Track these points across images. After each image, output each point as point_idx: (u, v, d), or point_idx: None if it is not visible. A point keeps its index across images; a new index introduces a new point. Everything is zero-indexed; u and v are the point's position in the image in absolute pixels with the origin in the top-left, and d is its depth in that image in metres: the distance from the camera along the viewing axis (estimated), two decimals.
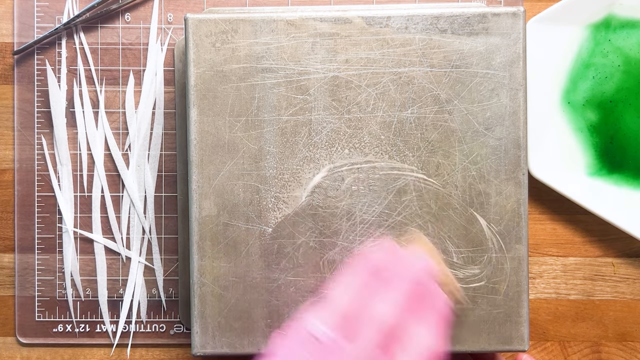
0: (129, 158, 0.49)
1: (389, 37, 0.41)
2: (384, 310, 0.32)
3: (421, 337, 0.32)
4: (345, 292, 0.33)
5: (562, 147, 0.48)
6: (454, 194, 0.42)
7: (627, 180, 0.48)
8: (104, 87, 0.49)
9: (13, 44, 0.49)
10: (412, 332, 0.32)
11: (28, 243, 0.49)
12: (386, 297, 0.32)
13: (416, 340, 0.32)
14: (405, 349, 0.31)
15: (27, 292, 0.49)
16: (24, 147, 0.49)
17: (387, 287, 0.33)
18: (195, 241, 0.42)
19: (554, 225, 0.49)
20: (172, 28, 0.49)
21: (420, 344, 0.32)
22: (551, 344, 0.49)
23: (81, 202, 0.49)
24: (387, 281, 0.33)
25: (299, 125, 0.42)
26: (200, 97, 0.42)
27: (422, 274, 0.34)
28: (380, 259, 0.35)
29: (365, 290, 0.33)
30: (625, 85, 0.47)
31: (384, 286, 0.33)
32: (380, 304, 0.32)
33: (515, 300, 0.42)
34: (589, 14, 0.47)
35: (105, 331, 0.49)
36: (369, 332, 0.31)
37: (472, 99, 0.41)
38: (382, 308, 0.32)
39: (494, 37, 0.41)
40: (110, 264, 0.49)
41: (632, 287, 0.49)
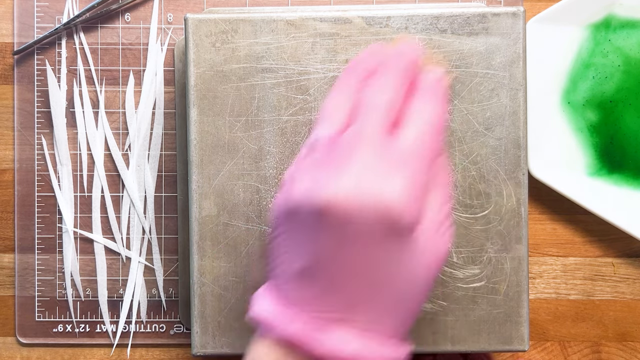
0: (129, 158, 0.49)
1: (389, 37, 0.41)
2: (380, 94, 0.30)
3: (424, 111, 0.30)
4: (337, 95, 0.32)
5: (562, 147, 0.48)
6: (453, 194, 0.42)
7: (627, 180, 0.48)
8: (104, 87, 0.49)
9: (13, 44, 0.49)
10: (414, 108, 0.30)
11: (28, 243, 0.49)
12: (379, 84, 0.31)
13: (419, 114, 0.30)
14: (410, 124, 0.30)
15: (27, 292, 0.49)
16: (24, 147, 0.49)
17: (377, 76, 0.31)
18: (195, 241, 0.42)
19: (554, 225, 0.49)
20: (172, 28, 0.49)
21: (424, 117, 0.30)
22: (551, 344, 0.49)
23: (81, 202, 0.49)
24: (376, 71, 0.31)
25: (299, 125, 0.42)
26: (200, 97, 0.42)
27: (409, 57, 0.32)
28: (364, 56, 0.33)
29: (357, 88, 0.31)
30: (625, 85, 0.47)
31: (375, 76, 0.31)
32: (374, 91, 0.30)
33: (515, 300, 0.42)
34: (589, 14, 0.47)
35: (105, 331, 0.49)
36: (369, 117, 0.29)
37: (472, 99, 0.41)
38: (377, 93, 0.30)
39: (494, 37, 0.41)
40: (110, 264, 0.49)
41: (632, 287, 0.49)
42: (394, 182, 0.28)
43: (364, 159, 0.28)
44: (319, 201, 0.28)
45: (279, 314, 0.30)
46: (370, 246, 0.28)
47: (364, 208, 0.28)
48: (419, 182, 0.29)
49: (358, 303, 0.29)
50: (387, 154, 0.29)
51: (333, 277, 0.29)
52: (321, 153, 0.30)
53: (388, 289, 0.29)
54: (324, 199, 0.28)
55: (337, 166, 0.29)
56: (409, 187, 0.28)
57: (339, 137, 0.30)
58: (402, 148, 0.29)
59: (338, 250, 0.29)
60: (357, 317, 0.29)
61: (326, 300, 0.29)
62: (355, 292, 0.29)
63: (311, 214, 0.29)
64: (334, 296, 0.29)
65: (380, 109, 0.30)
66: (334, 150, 0.30)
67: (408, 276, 0.30)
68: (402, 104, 0.30)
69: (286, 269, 0.31)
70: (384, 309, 0.30)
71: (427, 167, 0.30)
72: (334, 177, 0.28)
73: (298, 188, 0.30)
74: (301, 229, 0.30)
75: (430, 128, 0.30)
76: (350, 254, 0.29)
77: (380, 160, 0.28)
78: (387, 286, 0.29)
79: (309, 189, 0.29)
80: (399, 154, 0.29)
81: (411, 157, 0.29)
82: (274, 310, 0.30)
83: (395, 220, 0.28)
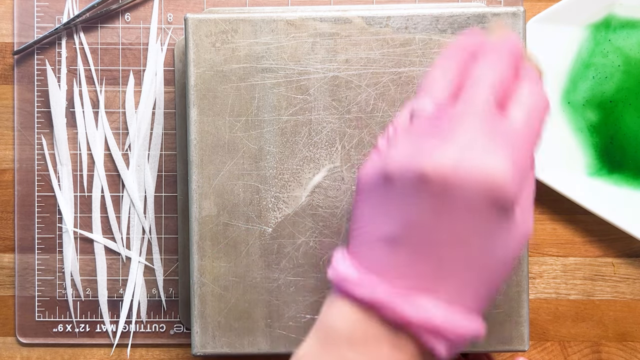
0: (129, 158, 0.49)
1: (389, 37, 0.41)
2: (491, 71, 0.30)
3: (533, 94, 0.30)
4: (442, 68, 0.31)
5: (562, 147, 0.48)
6: None
7: (627, 180, 0.48)
8: (104, 87, 0.49)
9: (13, 44, 0.49)
10: (523, 91, 0.30)
11: (28, 243, 0.49)
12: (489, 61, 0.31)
13: (528, 97, 0.30)
14: (520, 105, 0.30)
15: (27, 292, 0.49)
16: (24, 147, 0.49)
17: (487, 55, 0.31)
18: (195, 241, 0.42)
19: (554, 225, 0.49)
20: (172, 28, 0.49)
21: (533, 100, 0.30)
22: (551, 344, 0.49)
23: (81, 202, 0.49)
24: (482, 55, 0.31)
25: (299, 125, 0.42)
26: (200, 97, 0.42)
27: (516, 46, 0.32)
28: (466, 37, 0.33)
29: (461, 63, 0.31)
30: (625, 85, 0.47)
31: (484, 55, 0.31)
32: (485, 67, 0.30)
33: (515, 300, 0.42)
34: (589, 14, 0.47)
35: (105, 331, 0.49)
36: (480, 91, 0.29)
37: None
38: (488, 69, 0.30)
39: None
40: (110, 264, 0.49)
41: (632, 287, 0.49)
42: (501, 158, 0.28)
43: (472, 131, 0.28)
44: (421, 167, 0.28)
45: (364, 278, 0.30)
46: (468, 218, 0.28)
47: (468, 179, 0.28)
48: (523, 163, 0.29)
49: (446, 274, 0.29)
50: (495, 131, 0.29)
51: (423, 245, 0.29)
52: (425, 122, 0.30)
53: (478, 263, 0.29)
54: (428, 165, 0.28)
55: (444, 136, 0.28)
56: (514, 165, 0.28)
57: (444, 107, 0.30)
58: (511, 127, 0.29)
59: (433, 219, 0.28)
60: (444, 288, 0.29)
61: (414, 268, 0.29)
62: (444, 263, 0.29)
63: (410, 180, 0.28)
64: (422, 265, 0.29)
65: (491, 85, 0.29)
66: (440, 120, 0.29)
67: (500, 253, 0.30)
68: (509, 86, 0.30)
69: (373, 234, 0.30)
70: (470, 283, 0.30)
71: (531, 150, 0.30)
72: (439, 146, 0.28)
73: (398, 153, 0.29)
74: (394, 195, 0.29)
75: (538, 112, 0.30)
76: (446, 224, 0.28)
77: (488, 135, 0.28)
78: (478, 261, 0.29)
79: (411, 154, 0.29)
80: (507, 133, 0.29)
81: (519, 137, 0.29)
82: (358, 273, 0.30)
83: (499, 195, 0.28)
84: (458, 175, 0.28)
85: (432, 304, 0.29)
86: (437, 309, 0.29)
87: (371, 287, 0.29)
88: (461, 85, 0.30)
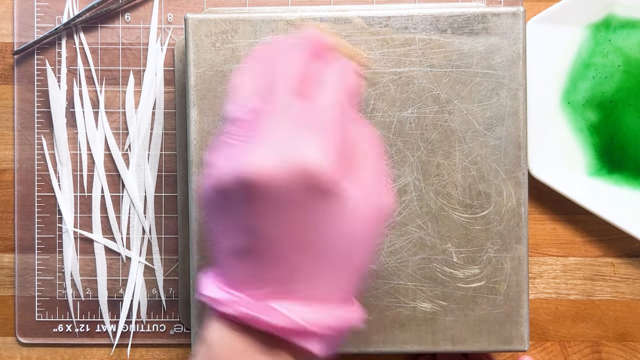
0: (129, 158, 0.49)
1: (389, 37, 0.41)
2: (286, 64, 0.30)
3: (336, 75, 0.31)
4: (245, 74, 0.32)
5: (562, 147, 0.48)
6: (454, 194, 0.42)
7: (627, 180, 0.48)
8: (104, 87, 0.49)
9: (13, 44, 0.49)
10: (325, 75, 0.31)
11: (28, 243, 0.49)
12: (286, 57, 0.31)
13: (330, 79, 0.31)
14: (322, 88, 0.30)
15: (27, 292, 0.49)
16: (24, 147, 0.49)
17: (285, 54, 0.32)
18: (195, 241, 0.42)
19: (554, 225, 0.49)
20: (172, 28, 0.49)
21: (335, 80, 0.31)
22: (551, 344, 0.49)
23: (81, 202, 0.49)
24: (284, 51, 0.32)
25: None
26: (200, 97, 0.42)
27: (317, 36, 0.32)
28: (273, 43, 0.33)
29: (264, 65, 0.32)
30: (625, 85, 0.47)
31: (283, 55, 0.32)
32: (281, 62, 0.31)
33: (515, 300, 0.42)
34: (589, 14, 0.47)
35: (105, 331, 0.49)
36: (278, 86, 0.30)
37: (472, 98, 0.41)
38: (285, 61, 0.31)
39: (494, 37, 0.41)
40: (110, 264, 0.49)
41: (632, 287, 0.49)
42: (311, 144, 0.28)
43: (279, 125, 0.29)
44: (244, 176, 0.28)
45: (226, 296, 0.30)
46: (299, 212, 0.29)
47: (287, 174, 0.28)
48: (337, 141, 0.29)
49: (297, 272, 0.29)
50: (302, 117, 0.29)
51: (268, 251, 0.29)
52: (238, 128, 0.30)
53: (324, 251, 0.29)
54: (248, 172, 0.28)
55: (254, 139, 0.29)
56: (328, 147, 0.28)
57: (254, 109, 0.30)
58: (316, 110, 0.29)
59: (269, 222, 0.29)
60: (300, 287, 0.30)
61: (267, 275, 0.29)
62: (292, 262, 0.29)
63: (238, 191, 0.29)
64: (273, 270, 0.29)
65: (287, 77, 0.30)
66: (250, 123, 0.30)
67: (342, 235, 0.29)
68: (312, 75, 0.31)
69: (224, 249, 0.31)
70: (325, 273, 0.30)
71: (344, 127, 0.30)
72: (252, 150, 0.28)
73: (221, 167, 0.30)
74: (230, 207, 0.30)
75: (342, 91, 0.30)
76: (281, 223, 0.29)
77: (295, 125, 0.29)
78: (323, 249, 0.29)
79: (232, 165, 0.29)
80: (313, 117, 0.29)
81: (326, 118, 0.29)
82: (220, 292, 0.30)
83: (318, 180, 0.28)
84: (275, 173, 0.28)
85: (290, 307, 0.29)
86: (297, 310, 0.29)
87: (233, 303, 0.30)
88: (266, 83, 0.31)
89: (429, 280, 0.42)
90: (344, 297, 0.31)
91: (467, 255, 0.42)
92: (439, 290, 0.42)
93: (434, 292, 0.42)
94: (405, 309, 0.42)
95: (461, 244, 0.42)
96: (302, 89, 0.30)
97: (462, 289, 0.42)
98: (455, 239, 0.42)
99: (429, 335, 0.42)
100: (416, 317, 0.42)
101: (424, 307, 0.42)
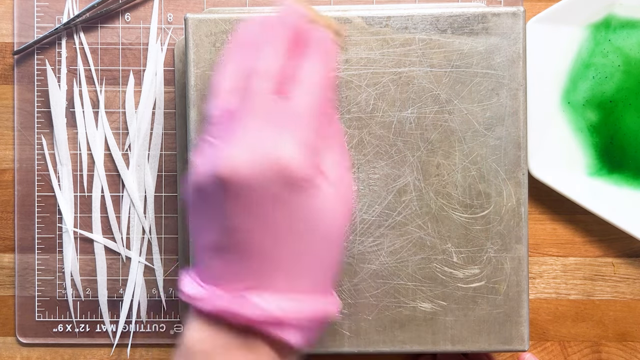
0: (129, 158, 0.49)
1: (389, 37, 0.41)
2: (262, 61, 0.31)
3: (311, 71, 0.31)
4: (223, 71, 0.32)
5: (562, 147, 0.48)
6: (454, 194, 0.42)
7: (627, 180, 0.48)
8: (104, 87, 0.49)
9: (13, 44, 0.49)
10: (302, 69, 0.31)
11: (28, 243, 0.49)
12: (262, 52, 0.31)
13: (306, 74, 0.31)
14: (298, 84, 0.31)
15: (27, 292, 0.49)
16: (24, 147, 0.49)
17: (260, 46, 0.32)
18: None
19: (554, 225, 0.49)
20: (172, 28, 0.49)
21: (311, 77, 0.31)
22: (551, 344, 0.49)
23: (81, 202, 0.49)
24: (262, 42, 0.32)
25: None
26: (200, 97, 0.42)
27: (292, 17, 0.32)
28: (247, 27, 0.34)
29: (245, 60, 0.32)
30: (625, 85, 0.47)
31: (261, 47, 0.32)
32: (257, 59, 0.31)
33: (515, 300, 0.42)
34: (589, 14, 0.47)
35: (105, 331, 0.49)
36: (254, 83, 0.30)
37: (472, 99, 0.41)
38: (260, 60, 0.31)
39: (494, 37, 0.41)
40: (110, 264, 0.49)
41: (632, 287, 0.49)
42: (286, 140, 0.29)
43: (256, 123, 0.29)
44: (219, 174, 0.29)
45: (204, 292, 0.31)
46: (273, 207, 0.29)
47: (262, 171, 0.29)
48: (312, 138, 0.30)
49: (272, 266, 0.30)
50: (277, 116, 0.30)
51: (245, 245, 0.30)
52: (216, 127, 0.31)
53: (298, 245, 0.30)
54: (223, 170, 0.29)
55: (232, 136, 0.29)
56: (302, 143, 0.29)
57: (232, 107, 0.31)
58: (291, 107, 0.30)
59: (244, 217, 0.29)
60: (275, 280, 0.30)
61: (243, 269, 0.30)
62: (267, 256, 0.30)
63: (215, 188, 0.29)
64: (249, 264, 0.30)
65: (264, 74, 0.30)
66: (228, 122, 0.30)
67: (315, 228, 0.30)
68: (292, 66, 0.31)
69: (204, 246, 0.31)
70: (299, 267, 0.30)
71: (318, 124, 0.30)
72: (229, 147, 0.29)
73: (201, 164, 0.30)
74: (208, 204, 0.30)
75: (318, 87, 0.31)
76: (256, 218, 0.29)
77: (271, 123, 0.29)
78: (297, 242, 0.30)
79: (209, 163, 0.30)
80: (289, 114, 0.30)
81: (301, 115, 0.30)
82: (198, 288, 0.31)
83: (292, 175, 0.29)
84: (250, 170, 0.29)
85: (265, 298, 0.30)
86: (271, 301, 0.30)
87: (211, 298, 0.30)
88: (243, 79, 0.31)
89: (429, 280, 0.42)
90: (320, 289, 0.32)
91: (467, 255, 0.42)
92: (439, 290, 0.42)
93: (434, 292, 0.42)
94: (405, 309, 0.42)
95: (461, 244, 0.42)
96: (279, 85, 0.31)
97: (462, 289, 0.42)
98: (455, 239, 0.42)
99: (429, 335, 0.42)
100: (416, 317, 0.42)
101: (424, 307, 0.42)
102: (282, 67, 0.31)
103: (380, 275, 0.42)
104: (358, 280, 0.42)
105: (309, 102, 0.30)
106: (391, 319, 0.42)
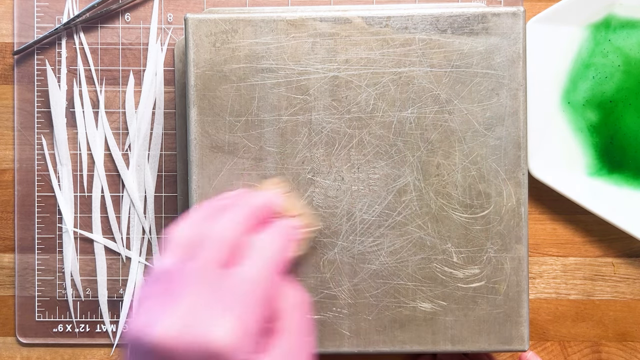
0: (129, 158, 0.49)
1: (389, 37, 0.41)
2: (221, 229, 0.31)
3: (263, 247, 0.31)
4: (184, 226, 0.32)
5: (562, 147, 0.48)
6: (454, 194, 0.42)
7: (627, 180, 0.48)
8: (104, 87, 0.49)
9: (13, 44, 0.49)
10: (255, 244, 0.31)
11: (28, 243, 0.49)
12: (225, 218, 0.31)
13: (257, 250, 0.30)
14: (247, 259, 0.30)
15: (27, 292, 0.49)
16: (24, 147, 0.49)
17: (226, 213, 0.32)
18: None
19: (554, 225, 0.49)
20: (172, 28, 0.49)
21: (262, 253, 0.30)
22: (551, 344, 0.49)
23: (81, 202, 0.49)
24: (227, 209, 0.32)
25: (299, 125, 0.42)
26: (200, 97, 0.42)
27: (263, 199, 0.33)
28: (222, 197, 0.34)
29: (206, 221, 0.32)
30: (625, 85, 0.47)
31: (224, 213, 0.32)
32: (217, 224, 0.31)
33: (515, 300, 0.42)
34: (589, 14, 0.47)
35: (105, 331, 0.49)
36: (206, 251, 0.30)
37: (472, 99, 0.41)
38: (220, 227, 0.31)
39: (494, 37, 0.41)
40: (110, 264, 0.49)
41: (632, 287, 0.49)
42: (224, 321, 0.28)
43: (195, 295, 0.28)
44: (149, 339, 0.28)
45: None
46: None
47: (191, 349, 0.27)
48: (251, 318, 0.28)
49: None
50: (220, 290, 0.28)
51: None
52: (160, 284, 0.30)
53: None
54: (153, 337, 0.27)
55: (170, 302, 0.28)
56: (241, 325, 0.28)
57: (178, 269, 0.30)
58: (235, 283, 0.29)
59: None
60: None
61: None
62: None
63: (146, 351, 0.28)
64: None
65: (218, 243, 0.30)
66: (171, 283, 0.29)
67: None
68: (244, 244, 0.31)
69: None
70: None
71: (265, 298, 0.29)
72: (164, 314, 0.28)
73: (136, 321, 0.29)
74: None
75: (266, 263, 0.30)
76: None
77: (211, 297, 0.28)
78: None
79: (143, 324, 0.28)
80: (232, 290, 0.29)
81: (245, 293, 0.29)
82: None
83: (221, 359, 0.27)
84: (179, 345, 0.27)
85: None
86: None
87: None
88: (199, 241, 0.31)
89: (429, 280, 0.42)
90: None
91: (467, 255, 0.42)
92: (439, 290, 0.42)
93: (434, 292, 0.42)
94: (405, 309, 0.42)
95: (461, 244, 0.42)
96: (231, 258, 0.30)
97: (462, 289, 0.42)
98: (455, 239, 0.42)
99: (429, 335, 0.42)
100: (416, 317, 0.42)
101: (424, 307, 0.42)
102: (236, 239, 0.30)
103: (380, 275, 0.42)
104: (358, 280, 0.42)
105: (254, 280, 0.29)
106: (391, 319, 0.42)
